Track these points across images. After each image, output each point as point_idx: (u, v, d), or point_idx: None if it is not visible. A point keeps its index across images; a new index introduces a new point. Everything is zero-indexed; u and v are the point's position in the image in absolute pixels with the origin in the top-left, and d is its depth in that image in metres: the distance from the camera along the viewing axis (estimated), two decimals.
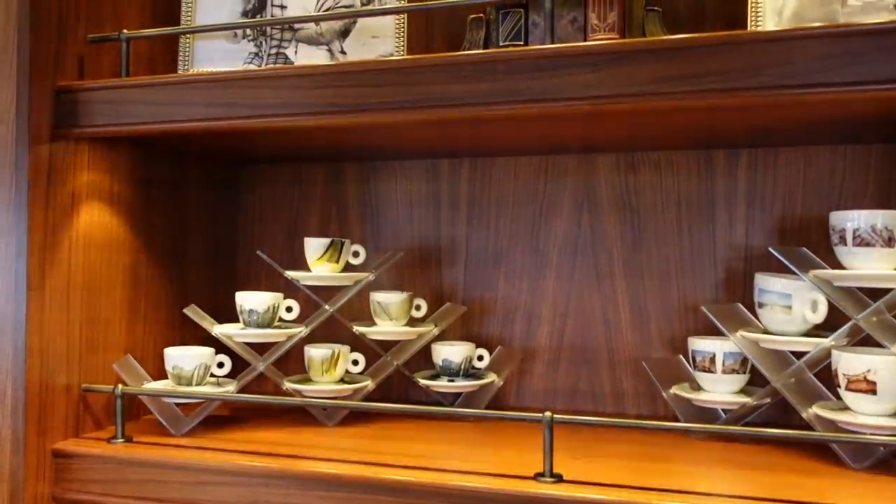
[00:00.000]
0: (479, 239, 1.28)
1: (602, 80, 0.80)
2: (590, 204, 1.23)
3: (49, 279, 0.99)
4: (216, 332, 1.10)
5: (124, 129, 0.99)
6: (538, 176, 1.26)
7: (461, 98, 0.85)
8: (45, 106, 0.99)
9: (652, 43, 0.79)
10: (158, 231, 1.19)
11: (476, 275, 1.29)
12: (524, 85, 0.83)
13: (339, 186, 1.36)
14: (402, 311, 1.16)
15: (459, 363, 1.16)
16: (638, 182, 1.21)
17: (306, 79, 0.91)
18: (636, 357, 1.20)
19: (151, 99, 0.97)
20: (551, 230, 1.25)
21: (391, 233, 1.33)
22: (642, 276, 1.21)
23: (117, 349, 1.11)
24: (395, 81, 0.87)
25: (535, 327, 1.26)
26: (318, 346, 1.13)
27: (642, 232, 1.21)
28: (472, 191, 1.29)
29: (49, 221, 0.99)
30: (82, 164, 1.05)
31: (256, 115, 0.92)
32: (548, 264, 1.25)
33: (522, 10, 0.91)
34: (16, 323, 0.97)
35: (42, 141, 0.98)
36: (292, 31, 1.03)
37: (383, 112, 0.88)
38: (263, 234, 1.39)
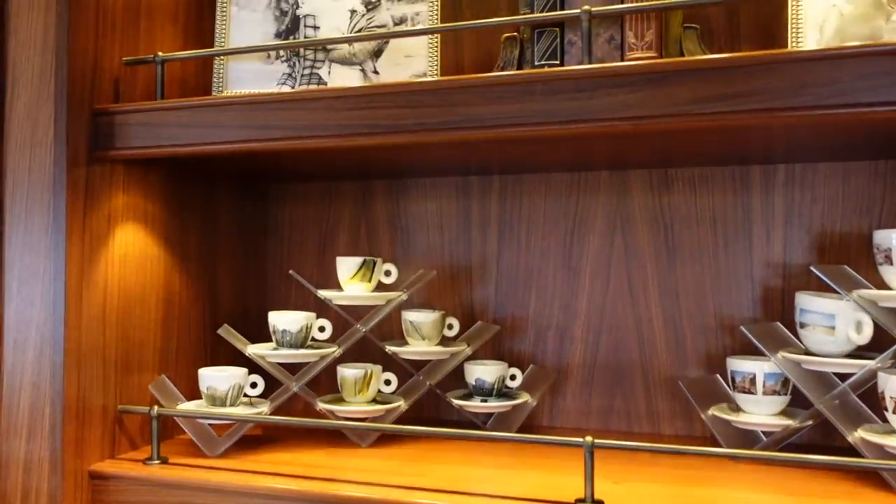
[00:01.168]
0: (511, 256, 1.28)
1: (642, 100, 0.79)
2: (623, 220, 1.22)
3: (86, 301, 1.00)
4: (249, 352, 1.10)
5: (160, 151, 0.99)
6: (570, 192, 1.25)
7: (498, 119, 0.84)
8: (82, 129, 1.00)
9: (693, 62, 0.78)
10: (191, 251, 1.20)
11: (507, 293, 1.28)
12: (562, 105, 0.82)
13: (369, 204, 1.36)
14: (434, 330, 1.15)
15: (492, 383, 1.15)
16: (672, 198, 1.19)
17: (340, 100, 0.91)
18: (672, 376, 1.18)
19: (186, 121, 0.97)
20: (584, 247, 1.24)
21: (421, 251, 1.32)
22: (677, 293, 1.19)
23: (151, 369, 1.12)
24: (431, 103, 0.87)
25: (568, 346, 1.24)
26: (351, 367, 1.13)
27: (676, 249, 1.19)
28: (503, 208, 1.28)
29: (86, 243, 1.00)
30: (118, 186, 1.05)
31: (290, 137, 0.92)
32: (580, 282, 1.24)
33: (558, 30, 0.90)
34: (54, 345, 0.98)
35: (79, 163, 0.99)
36: (325, 52, 1.03)
37: (419, 133, 0.87)
38: (293, 253, 1.39)
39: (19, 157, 1.00)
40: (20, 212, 1.00)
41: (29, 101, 1.00)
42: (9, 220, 1.00)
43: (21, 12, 1.01)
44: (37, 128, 0.99)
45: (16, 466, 0.99)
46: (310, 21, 1.03)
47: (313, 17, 1.03)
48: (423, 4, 1.00)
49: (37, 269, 0.99)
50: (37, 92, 1.00)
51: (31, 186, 0.99)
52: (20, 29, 1.01)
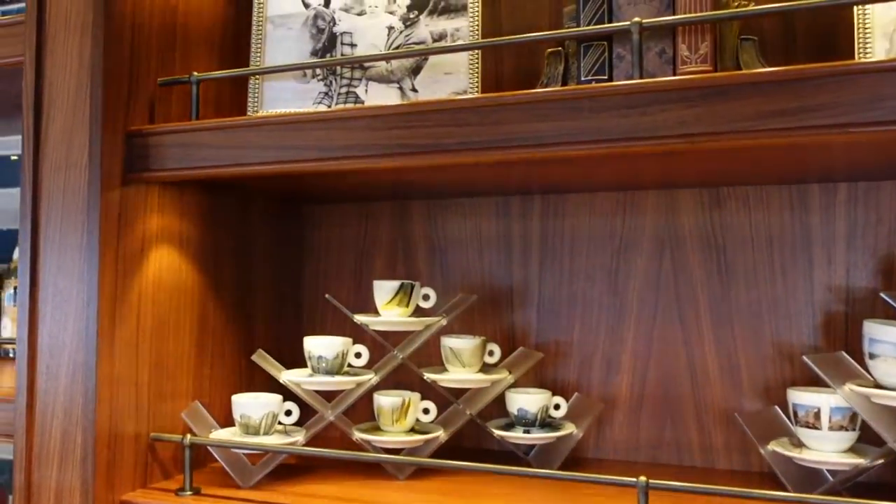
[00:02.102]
0: (553, 279, 1.22)
1: (698, 116, 0.74)
2: (672, 242, 1.16)
3: (119, 326, 0.98)
4: (284, 379, 1.06)
5: (194, 173, 0.97)
6: (615, 213, 1.20)
7: (544, 137, 0.80)
8: (116, 150, 0.98)
9: (754, 75, 0.73)
10: (225, 273, 1.17)
11: (550, 317, 1.22)
12: (612, 123, 0.77)
13: (406, 225, 1.32)
14: (475, 357, 1.10)
15: (535, 413, 1.09)
16: (724, 219, 1.13)
17: (378, 119, 0.87)
18: (726, 407, 1.12)
19: (222, 142, 0.95)
20: (631, 270, 1.18)
21: (460, 273, 1.28)
22: (731, 319, 1.13)
23: (185, 396, 1.09)
24: (472, 121, 0.83)
25: (615, 374, 1.19)
26: (388, 394, 1.08)
27: (730, 272, 1.13)
28: (545, 229, 1.24)
29: (119, 267, 0.98)
30: (152, 208, 1.03)
31: (327, 158, 0.89)
32: (627, 306, 1.18)
33: (606, 43, 0.85)
34: (86, 371, 0.95)
35: (113, 185, 0.97)
36: (362, 70, 1.00)
37: (460, 153, 0.84)
38: (329, 275, 1.36)
39: (54, 179, 0.99)
40: (54, 234, 0.98)
41: (64, 122, 0.99)
42: (43, 242, 0.99)
43: (58, 34, 1.00)
44: (71, 149, 0.98)
45: (47, 495, 0.97)
46: (347, 39, 1.01)
47: (350, 35, 1.00)
48: (464, 20, 0.97)
49: (70, 293, 0.97)
50: (72, 113, 0.98)
51: (66, 209, 0.98)
52: (57, 50, 1.00)
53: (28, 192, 0.99)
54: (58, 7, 1.00)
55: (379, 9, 0.99)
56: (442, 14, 0.98)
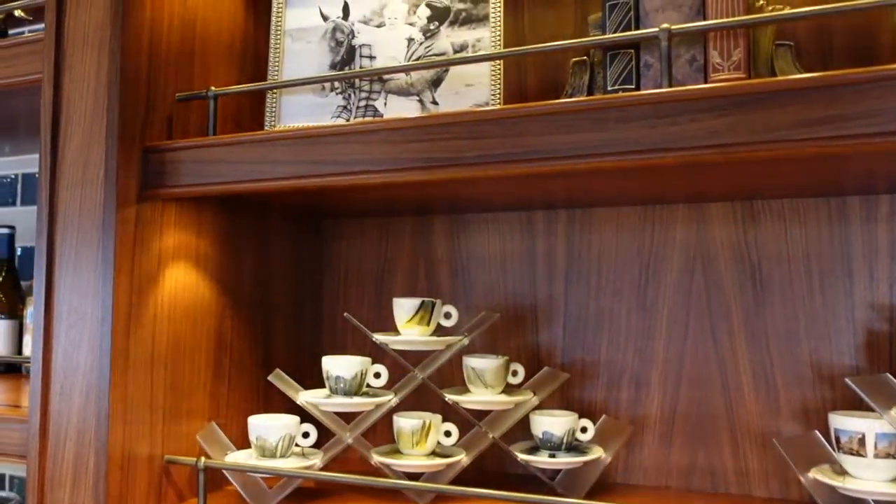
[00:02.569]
0: (579, 296, 1.18)
1: (732, 125, 0.70)
2: (703, 258, 1.12)
3: (133, 346, 0.96)
4: (301, 400, 1.04)
5: (211, 189, 0.95)
6: (643, 227, 1.16)
7: (568, 150, 0.77)
8: (133, 167, 0.96)
9: (791, 82, 0.69)
10: (244, 290, 1.15)
11: (576, 336, 1.18)
12: (640, 134, 0.74)
13: (427, 241, 1.29)
14: (498, 377, 1.07)
15: (561, 436, 1.05)
16: (759, 233, 1.09)
17: (397, 133, 0.85)
18: (763, 431, 1.06)
19: (238, 157, 0.93)
20: (660, 286, 1.14)
21: (483, 290, 1.25)
22: (766, 338, 1.08)
23: (200, 416, 1.06)
24: (494, 133, 0.80)
25: (644, 395, 1.14)
26: (408, 416, 1.05)
27: (765, 289, 1.08)
28: (571, 244, 1.20)
29: (135, 285, 0.96)
30: (168, 225, 1.02)
31: (346, 173, 0.87)
32: (657, 324, 1.14)
33: (633, 51, 0.82)
34: (99, 392, 0.93)
35: (129, 202, 0.96)
36: (381, 83, 0.97)
37: (482, 167, 0.80)
38: (350, 292, 1.33)
39: (70, 196, 0.97)
40: (69, 252, 0.97)
41: (81, 139, 0.97)
42: (59, 260, 0.98)
43: (76, 50, 0.99)
44: (88, 166, 0.97)
45: None
46: (366, 51, 0.99)
47: (369, 47, 0.98)
48: (485, 30, 0.94)
49: (84, 312, 0.95)
50: (89, 130, 0.97)
51: (81, 226, 0.96)
52: (75, 67, 0.99)
53: (45, 210, 0.98)
54: (76, 22, 0.99)
55: (399, 20, 0.97)
56: (463, 25, 0.95)
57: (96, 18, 0.98)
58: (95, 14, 0.98)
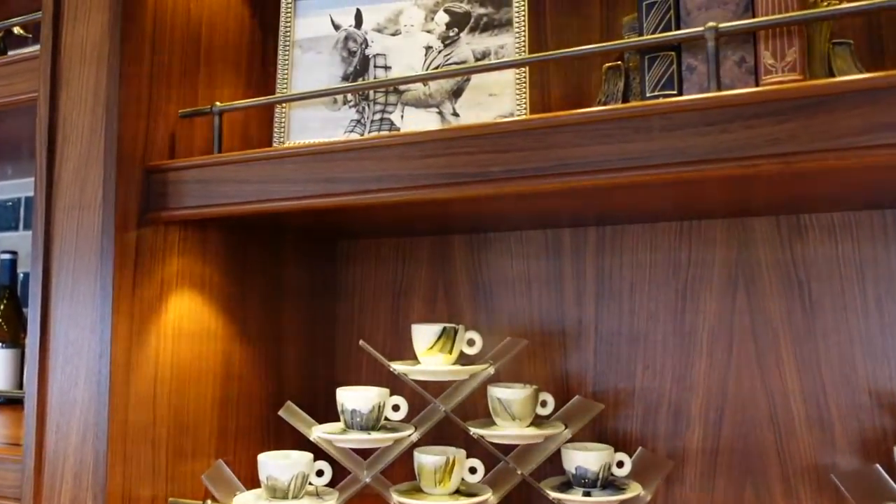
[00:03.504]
0: (611, 319, 1.10)
1: (793, 132, 0.63)
2: (746, 277, 1.04)
3: (134, 380, 0.89)
4: (315, 437, 0.96)
5: (216, 211, 0.88)
6: (680, 244, 1.08)
7: (607, 162, 0.69)
8: (133, 188, 0.90)
9: (859, 82, 0.61)
10: (252, 318, 1.08)
11: (608, 362, 1.10)
12: (688, 143, 0.66)
13: (446, 261, 1.22)
14: (526, 409, 0.99)
15: (597, 471, 0.97)
16: (806, 250, 1.01)
17: (416, 147, 0.78)
18: (816, 463, 0.98)
19: (245, 176, 0.86)
20: (699, 308, 1.06)
21: (507, 314, 1.17)
22: (818, 363, 0.99)
23: (207, 454, 0.99)
24: (522, 146, 0.73)
25: (684, 425, 1.05)
26: (430, 452, 0.97)
27: (815, 310, 1.00)
28: (601, 263, 1.12)
29: (136, 315, 0.89)
30: (172, 249, 0.95)
31: (361, 191, 0.80)
32: (697, 349, 1.05)
33: (674, 54, 0.75)
34: (97, 430, 0.87)
35: (130, 227, 0.89)
36: (398, 94, 0.91)
37: (510, 182, 0.73)
38: (364, 318, 1.26)
39: (67, 221, 0.91)
40: (66, 281, 0.90)
41: (78, 160, 0.91)
42: (55, 290, 0.91)
43: (73, 65, 0.93)
44: (85, 189, 0.91)
45: None
46: (380, 61, 0.92)
47: (384, 57, 0.92)
48: (509, 36, 0.87)
49: (82, 344, 0.89)
50: (86, 150, 0.91)
51: (79, 253, 0.90)
52: (72, 84, 0.93)
53: (40, 236, 0.92)
54: (73, 38, 0.94)
55: (415, 28, 0.90)
56: (485, 31, 0.89)
57: (94, 33, 0.92)
58: (94, 29, 0.92)
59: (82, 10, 0.93)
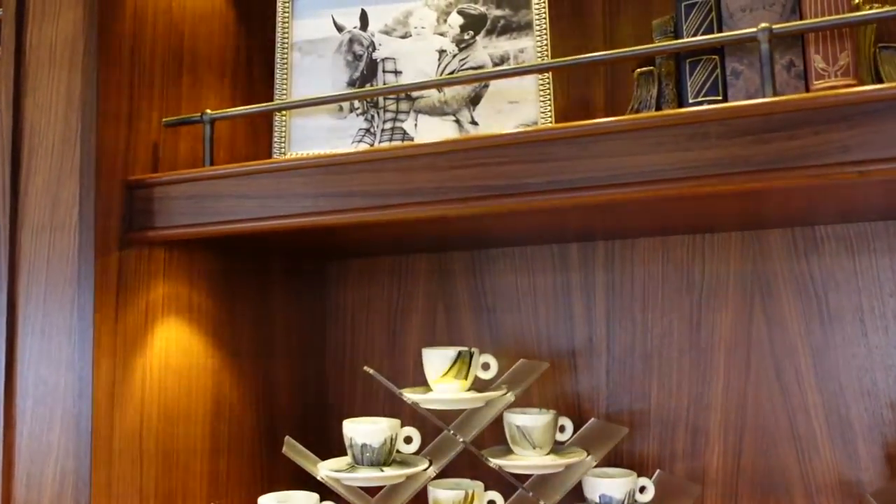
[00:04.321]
0: (624, 337, 1.06)
1: (866, 139, 0.59)
2: (762, 291, 1.00)
3: (119, 420, 0.79)
4: (323, 476, 0.87)
5: (212, 230, 0.79)
6: (693, 258, 1.04)
7: (661, 172, 0.64)
8: (114, 205, 0.81)
9: None
10: (243, 345, 0.99)
11: (622, 382, 1.05)
12: (751, 151, 0.62)
13: (447, 280, 1.15)
14: (546, 435, 0.93)
15: (621, 499, 0.91)
16: (824, 263, 0.98)
17: (443, 157, 0.71)
18: (841, 482, 0.94)
19: (245, 191, 0.78)
20: (715, 324, 1.02)
21: (512, 333, 1.11)
22: (839, 378, 0.96)
23: (198, 498, 0.89)
24: (561, 155, 0.67)
25: (703, 445, 1.01)
26: (446, 486, 0.90)
27: (834, 322, 0.97)
28: (611, 279, 1.07)
29: (119, 348, 0.80)
30: (157, 273, 0.86)
31: (381, 206, 0.72)
32: (714, 366, 1.01)
33: (717, 58, 0.70)
34: (78, 479, 0.76)
35: (110, 249, 0.80)
36: (410, 101, 0.84)
37: (551, 194, 0.67)
38: (357, 341, 1.18)
39: (36, 243, 0.81)
40: (35, 312, 0.80)
41: (49, 174, 0.81)
42: (22, 322, 0.81)
43: (41, 68, 0.83)
44: (57, 206, 0.81)
45: None
46: (389, 65, 0.85)
47: (393, 61, 0.85)
48: (529, 39, 0.82)
49: (56, 384, 0.78)
50: (58, 163, 0.81)
51: (50, 280, 0.80)
52: (40, 89, 0.83)
53: (3, 262, 0.82)
54: (40, 37, 0.84)
55: (426, 30, 0.84)
56: (502, 34, 0.83)
57: (66, 31, 0.83)
58: (64, 26, 0.83)
59: (51, 5, 0.83)
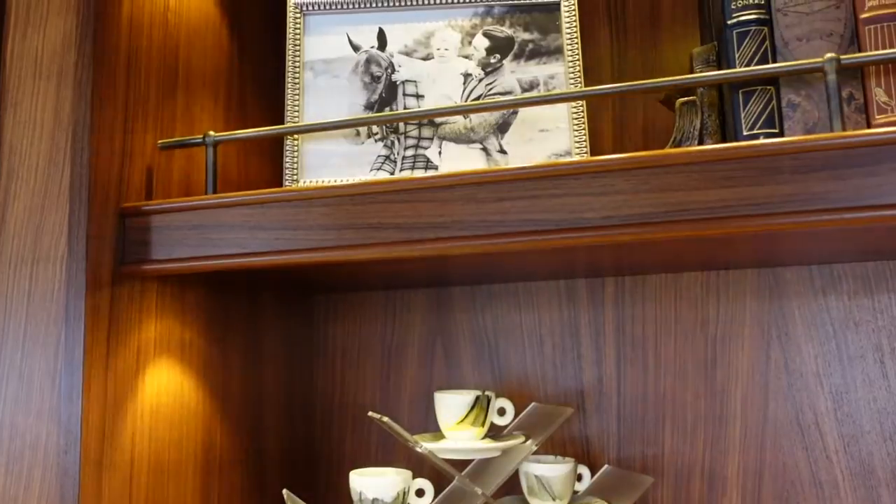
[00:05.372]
0: (635, 378, 1.01)
1: None
2: (780, 331, 0.98)
3: (108, 478, 0.69)
4: None
5: (218, 264, 0.71)
6: (707, 296, 1.00)
7: (730, 208, 0.60)
8: (107, 235, 0.72)
9: None
10: (234, 387, 0.90)
11: (633, 425, 1.00)
12: (828, 187, 0.58)
13: (445, 316, 1.09)
14: (567, 486, 0.87)
15: None
16: (842, 303, 0.96)
17: (486, 188, 0.65)
18: None
19: (258, 221, 0.70)
20: (731, 365, 0.98)
21: (516, 374, 1.05)
22: (860, 422, 0.94)
23: None
24: (624, 188, 0.63)
25: (720, 493, 0.97)
26: None
27: (855, 364, 0.95)
28: (621, 318, 1.03)
29: (108, 398, 0.70)
30: (149, 310, 0.77)
31: (416, 240, 0.66)
32: (730, 409, 0.98)
33: (772, 88, 0.67)
34: None
35: (102, 283, 0.71)
36: (433, 127, 0.78)
37: (611, 230, 0.62)
38: (347, 379, 1.10)
39: (14, 278, 0.71)
40: (13, 353, 0.70)
41: (31, 200, 0.72)
42: None
43: (24, 81, 0.74)
44: (41, 237, 0.71)
45: None
46: (410, 88, 0.79)
47: (415, 84, 0.79)
48: (559, 65, 0.77)
49: (37, 438, 0.68)
50: (42, 187, 0.72)
51: (31, 318, 0.70)
52: (22, 104, 0.74)
53: None
54: (24, 46, 0.75)
55: (450, 52, 0.79)
56: (531, 58, 0.78)
57: (54, 41, 0.74)
58: (52, 35, 0.74)
59: (37, 12, 0.75)
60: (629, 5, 1.06)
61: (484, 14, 0.80)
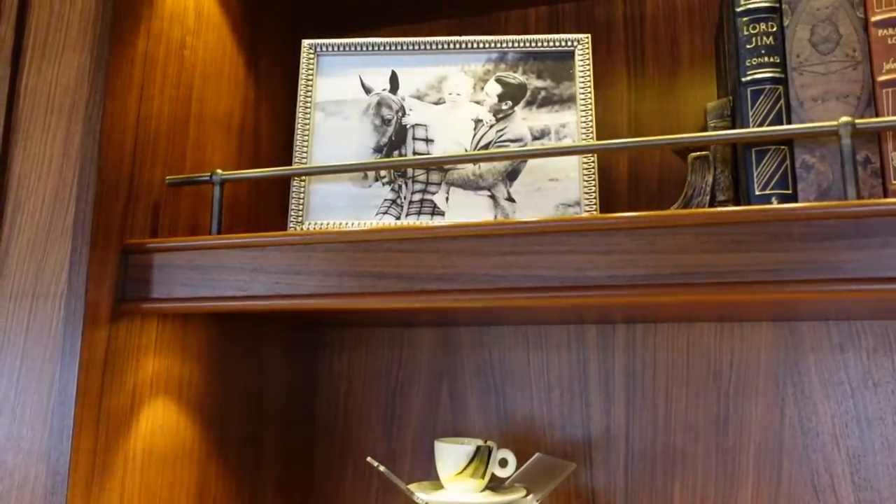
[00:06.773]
0: (644, 431, 0.99)
1: None
2: (795, 387, 0.95)
3: None
4: None
5: (216, 306, 0.71)
6: (720, 348, 0.98)
7: (739, 273, 0.58)
8: (108, 272, 0.71)
9: None
10: (231, 427, 0.89)
11: (641, 480, 0.98)
12: (841, 257, 0.56)
13: (452, 357, 1.07)
14: None
15: None
16: (861, 360, 0.93)
17: (489, 241, 0.64)
18: None
19: (262, 264, 0.70)
20: (744, 420, 0.95)
21: (522, 420, 1.03)
22: (879, 488, 0.90)
23: None
24: (630, 248, 0.61)
25: None
26: None
27: (873, 427, 0.91)
28: (631, 366, 1.01)
29: (100, 439, 0.69)
30: (148, 348, 0.76)
31: (415, 291, 0.65)
32: (742, 467, 0.95)
33: (786, 148, 0.66)
34: None
35: (100, 321, 0.70)
36: (442, 172, 0.77)
37: (613, 290, 0.61)
38: (350, 420, 1.09)
39: (14, 313, 0.71)
40: (6, 390, 0.70)
41: (35, 235, 0.72)
42: None
43: (36, 115, 0.75)
44: (42, 271, 0.71)
45: None
46: (420, 133, 0.79)
47: (425, 128, 0.79)
48: (571, 114, 0.76)
49: (25, 477, 0.68)
50: (47, 222, 0.72)
51: (28, 354, 0.70)
52: (32, 137, 0.75)
53: None
54: (38, 82, 0.76)
55: (462, 97, 0.78)
56: (543, 106, 0.77)
57: (67, 75, 0.75)
58: (66, 70, 0.75)
59: (53, 47, 0.75)
60: (648, 53, 1.05)
61: (497, 60, 0.79)
